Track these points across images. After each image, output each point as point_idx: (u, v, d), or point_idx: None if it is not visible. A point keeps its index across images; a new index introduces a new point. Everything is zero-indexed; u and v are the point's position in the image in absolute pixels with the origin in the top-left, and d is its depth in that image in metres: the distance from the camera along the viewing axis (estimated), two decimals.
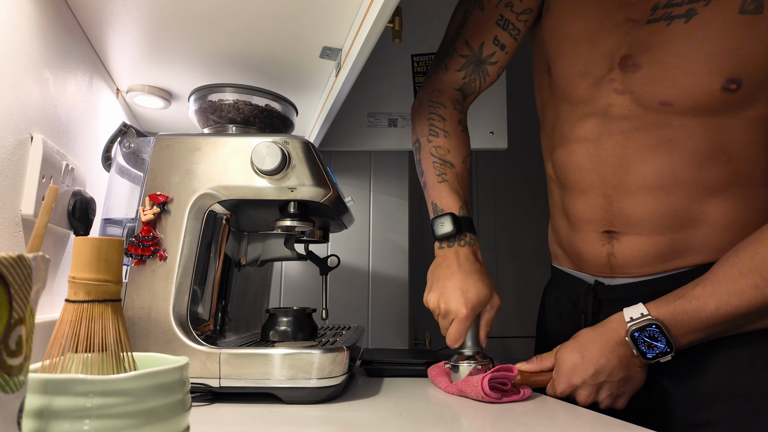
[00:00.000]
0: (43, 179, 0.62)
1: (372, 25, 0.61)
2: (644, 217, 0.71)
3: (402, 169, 1.37)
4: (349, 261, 1.30)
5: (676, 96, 0.67)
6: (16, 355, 0.27)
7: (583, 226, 0.78)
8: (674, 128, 0.68)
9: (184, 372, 0.38)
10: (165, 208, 0.67)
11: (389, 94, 1.26)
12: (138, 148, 0.72)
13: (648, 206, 0.71)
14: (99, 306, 0.39)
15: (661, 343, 0.63)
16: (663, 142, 0.69)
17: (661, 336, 0.63)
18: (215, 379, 0.62)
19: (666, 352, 0.63)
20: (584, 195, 0.77)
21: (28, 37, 0.60)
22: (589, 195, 0.76)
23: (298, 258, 0.84)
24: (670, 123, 0.68)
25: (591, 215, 0.77)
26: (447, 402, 0.66)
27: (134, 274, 0.65)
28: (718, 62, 0.64)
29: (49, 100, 0.66)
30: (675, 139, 0.68)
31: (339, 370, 0.64)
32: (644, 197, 0.71)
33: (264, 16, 0.70)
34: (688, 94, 0.66)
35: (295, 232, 0.81)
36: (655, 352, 0.63)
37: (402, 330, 1.32)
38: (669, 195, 0.69)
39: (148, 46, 0.79)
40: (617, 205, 0.73)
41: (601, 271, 0.78)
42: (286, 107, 0.81)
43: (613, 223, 0.74)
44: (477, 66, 0.86)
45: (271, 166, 0.65)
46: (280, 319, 0.74)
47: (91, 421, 0.32)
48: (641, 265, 0.73)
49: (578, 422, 0.57)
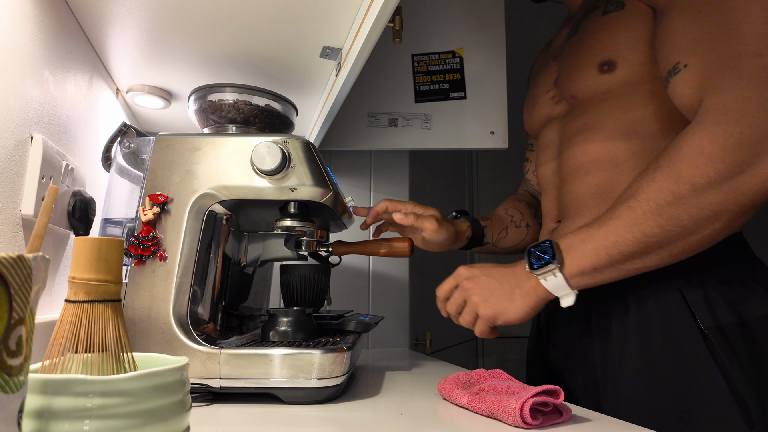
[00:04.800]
0: (43, 179, 0.62)
1: (372, 25, 0.60)
2: (572, 199, 0.79)
3: (402, 169, 1.37)
4: (350, 261, 1.30)
5: (576, 88, 0.79)
6: (16, 355, 0.27)
7: (545, 219, 0.90)
8: (588, 114, 0.78)
9: (184, 372, 0.38)
10: (165, 208, 0.67)
11: (389, 94, 1.26)
12: (138, 148, 0.72)
13: (576, 186, 0.79)
14: (99, 306, 0.39)
15: (547, 255, 0.67)
16: (581, 127, 0.79)
17: (549, 249, 0.67)
18: (215, 380, 0.62)
19: (549, 262, 0.66)
20: (544, 191, 0.90)
21: (28, 37, 0.60)
22: (547, 189, 0.88)
23: (299, 258, 0.84)
24: (585, 111, 0.79)
25: (547, 209, 0.88)
26: (447, 402, 0.66)
27: (134, 274, 0.65)
28: (590, 52, 0.77)
29: (49, 100, 0.66)
30: (588, 123, 0.78)
31: (339, 370, 0.64)
32: (574, 179, 0.79)
33: (264, 16, 0.70)
34: (579, 83, 0.78)
35: (296, 232, 0.81)
36: (541, 262, 0.67)
37: (402, 330, 1.31)
38: (588, 174, 0.77)
39: (148, 46, 0.79)
40: (561, 192, 0.83)
41: None
42: (286, 107, 0.81)
43: (560, 212, 0.84)
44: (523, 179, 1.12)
45: (271, 166, 0.65)
46: (280, 319, 0.73)
47: (91, 421, 0.32)
48: None
49: (578, 421, 0.57)
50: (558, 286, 0.66)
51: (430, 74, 1.27)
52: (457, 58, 1.27)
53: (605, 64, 0.74)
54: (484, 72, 1.27)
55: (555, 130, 0.87)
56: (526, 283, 0.68)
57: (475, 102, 1.26)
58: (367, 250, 0.88)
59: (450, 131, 1.25)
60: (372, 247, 0.88)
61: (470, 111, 1.26)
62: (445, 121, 1.25)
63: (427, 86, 1.27)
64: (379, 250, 0.87)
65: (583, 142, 0.78)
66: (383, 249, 0.87)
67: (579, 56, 0.79)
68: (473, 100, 1.26)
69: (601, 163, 0.76)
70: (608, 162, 0.75)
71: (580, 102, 0.80)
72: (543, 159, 0.90)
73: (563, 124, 0.85)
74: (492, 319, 0.71)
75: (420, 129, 1.25)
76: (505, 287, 0.70)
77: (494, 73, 1.27)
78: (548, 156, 0.89)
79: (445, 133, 1.25)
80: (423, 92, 1.27)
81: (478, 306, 0.71)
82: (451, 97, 1.27)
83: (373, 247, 0.88)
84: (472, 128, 1.26)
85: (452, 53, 1.28)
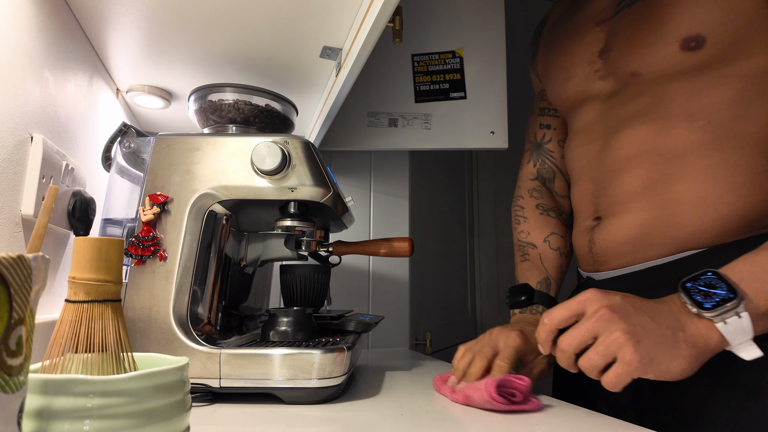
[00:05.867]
0: (43, 179, 0.62)
1: (372, 25, 0.60)
2: (617, 194, 0.69)
3: (402, 169, 1.37)
4: (350, 261, 1.30)
5: (641, 65, 0.68)
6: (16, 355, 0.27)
7: (579, 216, 0.79)
8: (647, 97, 0.68)
9: (184, 372, 0.38)
10: (165, 208, 0.67)
11: (389, 93, 1.26)
12: (138, 148, 0.72)
13: (622, 180, 0.69)
14: (99, 306, 0.39)
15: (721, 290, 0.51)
16: (636, 112, 0.69)
17: (720, 282, 0.51)
18: (215, 380, 0.62)
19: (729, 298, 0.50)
20: (578, 183, 0.79)
21: (28, 37, 0.60)
22: (581, 181, 0.78)
23: (299, 258, 0.84)
24: (644, 92, 0.68)
25: (583, 204, 0.77)
26: (448, 402, 0.66)
27: (134, 274, 0.65)
28: (671, 24, 0.64)
29: (49, 100, 0.66)
30: (647, 108, 0.67)
31: (339, 370, 0.64)
32: (620, 171, 0.69)
33: (264, 16, 0.70)
34: (649, 60, 0.67)
35: (296, 232, 0.81)
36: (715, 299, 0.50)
37: (402, 330, 1.31)
38: (639, 166, 0.67)
39: (148, 46, 0.79)
40: (601, 186, 0.72)
41: (589, 264, 0.76)
42: (286, 107, 0.81)
43: (599, 208, 0.73)
44: (537, 150, 0.95)
45: (272, 166, 0.65)
46: (280, 319, 0.73)
47: (91, 421, 0.32)
48: (617, 254, 0.70)
49: (578, 421, 0.57)
50: (740, 330, 0.49)
51: (430, 74, 1.27)
52: (457, 58, 1.27)
53: (691, 40, 0.62)
54: (484, 72, 1.27)
55: (595, 111, 0.76)
56: (691, 327, 0.51)
57: (475, 102, 1.26)
58: (367, 250, 0.88)
59: (450, 131, 1.25)
60: (372, 247, 0.88)
61: (470, 111, 1.26)
62: (445, 121, 1.25)
63: (427, 86, 1.27)
64: (379, 250, 0.87)
65: (637, 128, 0.68)
66: (383, 249, 0.87)
67: (651, 27, 0.66)
68: (473, 100, 1.26)
69: (658, 154, 0.66)
70: (667, 153, 0.65)
71: (641, 81, 0.68)
72: (576, 144, 0.79)
73: (609, 106, 0.73)
74: (642, 368, 0.50)
75: (420, 129, 1.25)
76: (663, 329, 0.51)
77: (494, 73, 1.27)
78: (583, 141, 0.77)
79: (445, 133, 1.25)
80: (423, 92, 1.27)
81: (624, 347, 0.50)
82: (451, 97, 1.26)
83: (373, 247, 0.88)
84: (472, 128, 1.25)
85: (452, 53, 1.28)
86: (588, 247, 0.74)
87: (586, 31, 0.78)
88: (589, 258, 0.75)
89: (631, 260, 0.69)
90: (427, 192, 1.59)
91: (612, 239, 0.70)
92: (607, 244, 0.71)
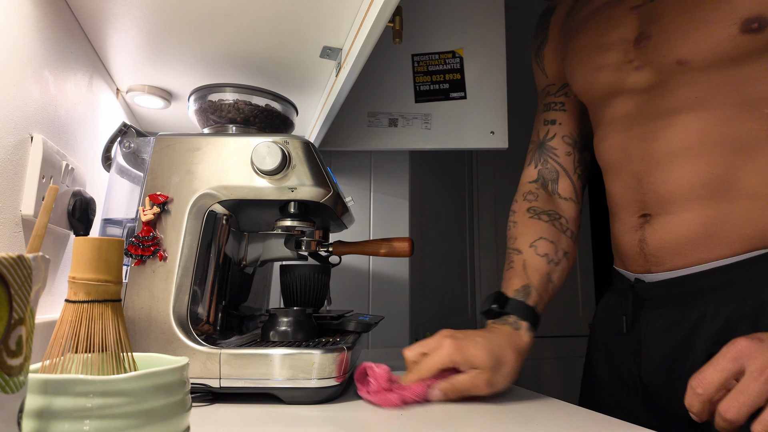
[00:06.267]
0: (43, 179, 0.62)
1: (372, 25, 0.60)
2: (671, 189, 0.65)
3: (402, 169, 1.37)
4: (350, 261, 1.30)
5: (692, 51, 0.63)
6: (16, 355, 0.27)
7: (621, 212, 0.74)
8: (699, 85, 0.63)
9: (184, 372, 0.38)
10: (165, 208, 0.67)
11: (389, 94, 1.26)
12: (138, 148, 0.72)
13: (675, 174, 0.65)
14: (99, 306, 0.39)
15: None
16: (687, 102, 0.64)
17: None
18: (215, 380, 0.62)
19: None
20: (616, 176, 0.74)
21: (28, 37, 0.60)
22: (621, 175, 0.73)
23: (299, 258, 0.84)
24: (694, 81, 0.64)
25: (625, 199, 0.72)
26: (448, 402, 0.66)
27: (134, 274, 0.65)
28: (728, 5, 0.60)
29: (49, 100, 0.66)
30: (700, 97, 0.63)
31: (339, 370, 0.64)
32: (671, 165, 0.65)
33: (264, 16, 0.70)
34: (703, 46, 0.62)
35: (296, 232, 0.81)
36: None
37: (402, 330, 1.31)
38: (697, 158, 0.63)
39: (148, 46, 0.79)
40: (647, 180, 0.68)
41: (639, 265, 0.72)
42: (286, 107, 0.81)
43: (647, 204, 0.69)
44: (540, 149, 0.90)
45: (272, 166, 0.65)
46: (280, 319, 0.73)
47: (91, 421, 0.32)
48: (674, 253, 0.66)
49: (578, 421, 0.57)
50: None
51: (430, 74, 1.27)
52: (457, 58, 1.27)
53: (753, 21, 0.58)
54: (484, 72, 1.27)
55: (632, 102, 0.71)
56: None
57: (475, 102, 1.26)
58: (367, 250, 0.88)
59: (450, 131, 1.25)
60: (372, 247, 0.88)
61: (470, 111, 1.26)
62: (445, 121, 1.25)
63: (427, 86, 1.27)
64: (379, 250, 0.87)
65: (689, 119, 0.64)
66: (383, 249, 0.87)
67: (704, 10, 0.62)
68: (473, 100, 1.26)
69: (717, 146, 0.62)
70: (728, 145, 0.61)
71: (688, 70, 0.64)
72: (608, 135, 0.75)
73: (648, 97, 0.69)
74: None
75: (420, 129, 1.25)
76: None
77: (494, 73, 1.27)
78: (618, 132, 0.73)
79: (445, 133, 1.25)
80: (423, 92, 1.27)
81: None
82: (451, 97, 1.27)
83: (373, 247, 0.87)
84: (472, 128, 1.25)
85: (452, 53, 1.28)
86: (639, 247, 0.70)
87: (616, 18, 0.73)
88: (640, 258, 0.70)
89: (692, 261, 0.65)
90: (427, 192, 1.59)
91: (670, 238, 0.66)
92: (664, 244, 0.67)
